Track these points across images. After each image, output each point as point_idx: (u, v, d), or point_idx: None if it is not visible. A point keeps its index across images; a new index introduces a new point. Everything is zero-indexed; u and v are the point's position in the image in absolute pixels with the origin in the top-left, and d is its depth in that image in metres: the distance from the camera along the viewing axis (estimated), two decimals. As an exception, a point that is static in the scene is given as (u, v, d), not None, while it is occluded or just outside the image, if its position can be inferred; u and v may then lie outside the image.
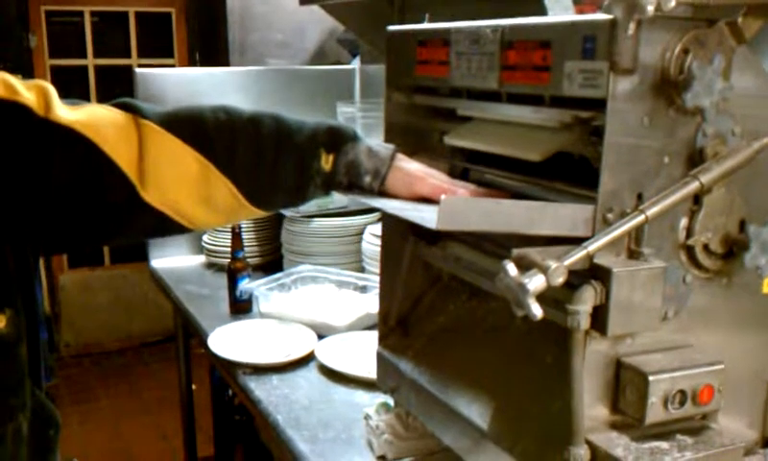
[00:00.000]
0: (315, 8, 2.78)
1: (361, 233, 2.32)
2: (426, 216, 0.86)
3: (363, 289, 2.14)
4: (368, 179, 1.19)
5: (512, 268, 0.83)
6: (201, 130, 1.19)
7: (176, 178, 1.16)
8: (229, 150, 1.19)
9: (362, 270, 2.29)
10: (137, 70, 2.77)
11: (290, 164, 1.19)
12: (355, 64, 2.79)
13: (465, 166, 1.31)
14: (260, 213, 1.25)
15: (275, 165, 1.19)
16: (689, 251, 0.96)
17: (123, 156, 1.13)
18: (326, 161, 1.19)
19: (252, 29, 4.45)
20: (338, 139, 1.19)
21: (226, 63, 4.54)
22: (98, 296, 5.03)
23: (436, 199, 1.09)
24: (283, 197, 1.23)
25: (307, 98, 2.82)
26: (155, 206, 1.16)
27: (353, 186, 1.20)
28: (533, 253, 0.86)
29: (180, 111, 1.22)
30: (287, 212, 2.39)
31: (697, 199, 0.94)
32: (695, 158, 0.93)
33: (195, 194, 1.18)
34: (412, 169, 1.19)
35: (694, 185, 0.89)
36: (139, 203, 1.14)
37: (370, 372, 1.61)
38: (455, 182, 1.17)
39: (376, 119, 2.37)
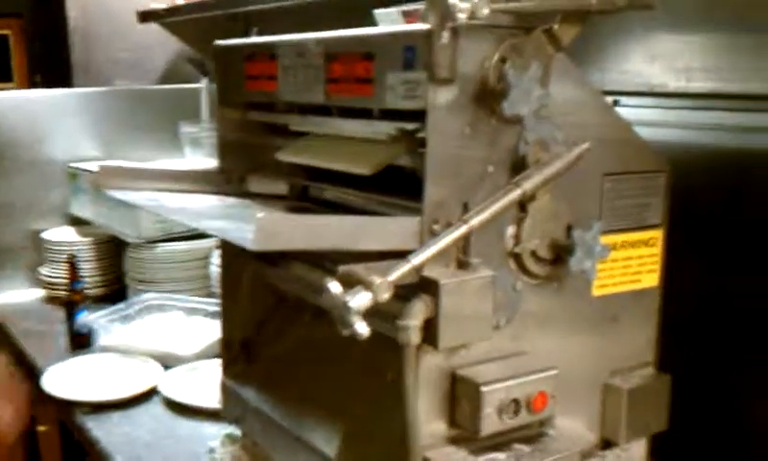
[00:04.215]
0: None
1: (209, 257, 2.24)
2: (247, 236, 0.82)
3: (213, 315, 2.06)
4: None
5: (334, 286, 0.80)
6: None
7: None
8: None
9: (212, 295, 2.21)
10: (-30, 95, 2.58)
11: None
12: (203, 83, 2.71)
13: (304, 184, 1.27)
14: None
15: None
16: (518, 258, 0.97)
17: None
18: None
19: (96, 49, 4.25)
20: None
21: (70, 85, 4.32)
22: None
23: None
24: None
25: (153, 119, 2.72)
26: None
27: None
28: (359, 269, 0.83)
29: None
30: (129, 238, 2.28)
31: (523, 206, 0.95)
32: (519, 166, 0.93)
33: None
34: None
35: (516, 193, 0.89)
36: None
37: (217, 402, 1.54)
38: None
39: (222, 139, 2.30)
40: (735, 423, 1.31)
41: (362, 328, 0.80)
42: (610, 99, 1.38)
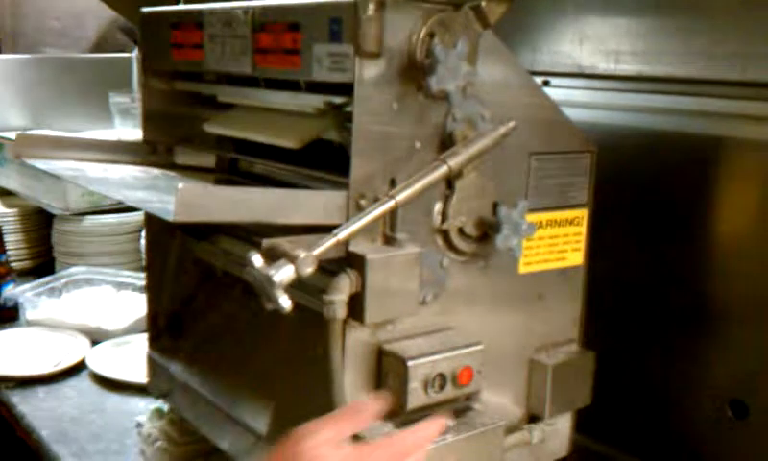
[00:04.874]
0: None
1: (139, 231, 2.19)
2: (168, 207, 0.80)
3: (143, 289, 2.02)
4: None
5: (257, 259, 0.79)
6: None
7: None
8: None
9: (143, 269, 2.17)
10: None
11: None
12: (134, 53, 2.64)
13: (232, 156, 1.26)
14: None
15: None
16: (445, 235, 0.97)
17: None
18: None
19: (24, 16, 4.12)
20: None
21: (-4, 53, 4.17)
22: None
23: None
24: None
25: (82, 87, 2.64)
26: None
27: None
28: (283, 242, 0.83)
29: None
30: (56, 210, 2.22)
31: (450, 183, 0.95)
32: (446, 143, 0.93)
33: None
34: None
35: (442, 169, 0.89)
36: None
37: (145, 377, 1.52)
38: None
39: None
40: (658, 398, 1.35)
41: (285, 303, 0.79)
42: (540, 79, 1.39)
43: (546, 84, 1.40)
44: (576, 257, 1.15)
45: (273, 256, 0.81)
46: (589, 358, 1.18)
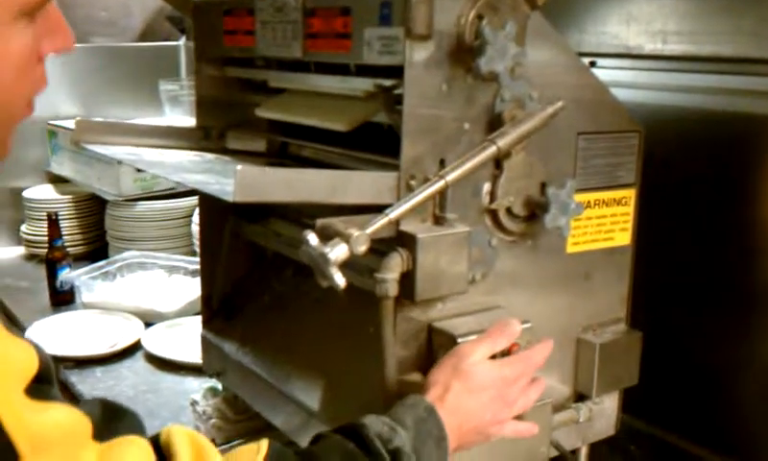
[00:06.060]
0: (140, -16, 2.66)
1: (190, 216, 2.24)
2: (227, 188, 0.83)
3: (194, 273, 2.07)
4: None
5: (313, 238, 0.82)
6: None
7: None
8: None
9: (194, 253, 2.22)
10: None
11: None
12: (181, 41, 2.69)
13: (283, 140, 1.28)
14: None
15: None
16: (493, 215, 0.99)
17: None
18: None
19: (74, 6, 4.20)
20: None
21: (47, 43, 4.26)
22: None
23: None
24: None
25: (131, 76, 2.69)
26: None
27: None
28: (337, 222, 0.85)
29: None
30: (109, 196, 2.28)
31: (498, 164, 0.96)
32: (495, 124, 0.94)
33: None
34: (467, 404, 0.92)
35: (491, 150, 0.90)
36: None
37: (198, 357, 1.56)
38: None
39: (203, 97, 2.29)
40: (705, 378, 1.34)
41: (340, 280, 0.81)
42: (587, 60, 1.39)
43: (593, 64, 1.40)
44: (624, 237, 1.15)
45: (327, 235, 0.83)
46: (637, 338, 1.18)
